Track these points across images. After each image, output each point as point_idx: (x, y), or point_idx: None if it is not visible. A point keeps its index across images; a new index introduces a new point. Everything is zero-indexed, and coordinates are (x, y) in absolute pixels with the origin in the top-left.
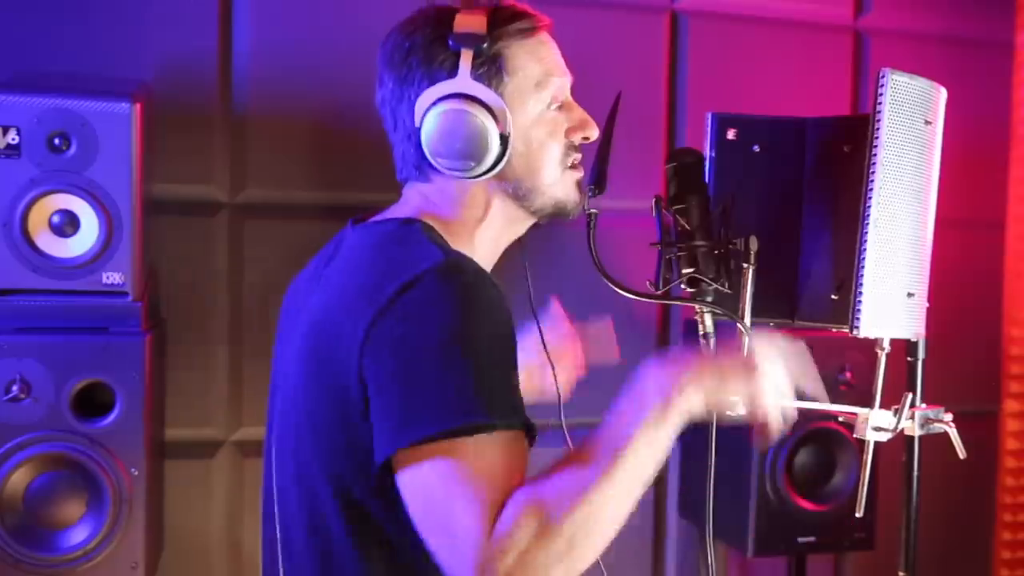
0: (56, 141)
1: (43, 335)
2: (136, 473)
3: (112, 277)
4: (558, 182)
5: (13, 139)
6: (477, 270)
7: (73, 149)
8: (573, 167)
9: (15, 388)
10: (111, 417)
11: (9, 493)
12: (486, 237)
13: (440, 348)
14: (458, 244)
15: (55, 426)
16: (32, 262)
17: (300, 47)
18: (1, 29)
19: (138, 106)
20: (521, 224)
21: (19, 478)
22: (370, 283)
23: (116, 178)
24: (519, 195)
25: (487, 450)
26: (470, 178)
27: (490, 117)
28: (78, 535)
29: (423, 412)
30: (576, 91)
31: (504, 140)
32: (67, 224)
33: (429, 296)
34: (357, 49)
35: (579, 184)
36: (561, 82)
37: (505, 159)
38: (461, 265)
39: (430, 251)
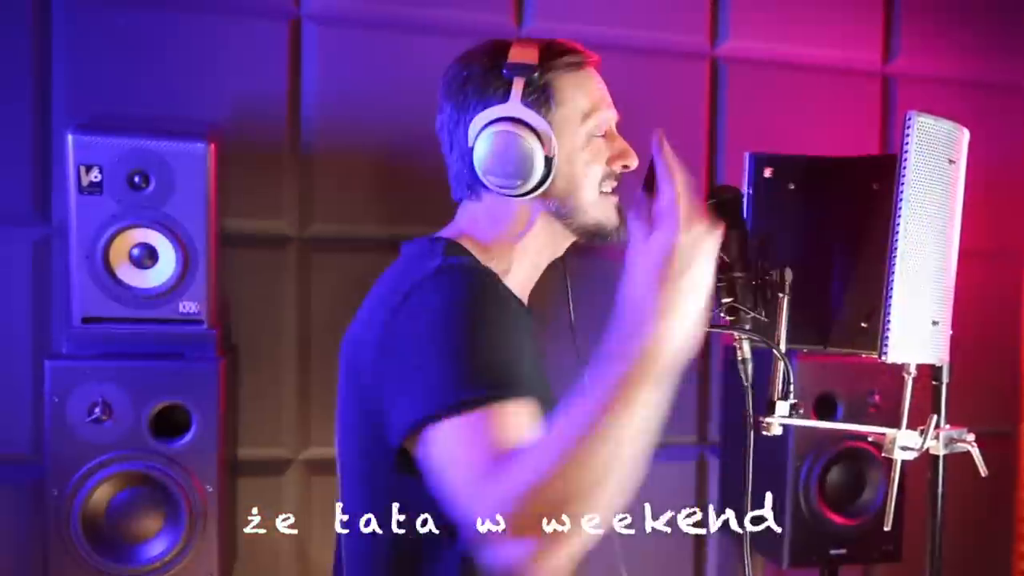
0: (136, 179)
1: (123, 360)
2: (211, 490)
3: (188, 306)
4: (597, 204)
5: (96, 177)
6: (473, 270)
7: (152, 186)
8: (611, 192)
9: (97, 410)
10: (187, 437)
11: (92, 508)
12: (527, 254)
13: (442, 338)
14: (495, 262)
15: (135, 446)
16: (113, 292)
17: (363, 91)
18: (82, 73)
19: (212, 146)
20: (562, 242)
21: (101, 494)
22: (387, 293)
23: (192, 213)
24: (562, 213)
25: (483, 421)
26: (517, 196)
27: (536, 140)
28: (156, 547)
29: (432, 393)
30: (623, 130)
31: (548, 162)
32: (146, 257)
33: (429, 297)
34: (414, 92)
35: (619, 209)
36: (607, 114)
37: (550, 179)
38: (457, 266)
39: (435, 261)
